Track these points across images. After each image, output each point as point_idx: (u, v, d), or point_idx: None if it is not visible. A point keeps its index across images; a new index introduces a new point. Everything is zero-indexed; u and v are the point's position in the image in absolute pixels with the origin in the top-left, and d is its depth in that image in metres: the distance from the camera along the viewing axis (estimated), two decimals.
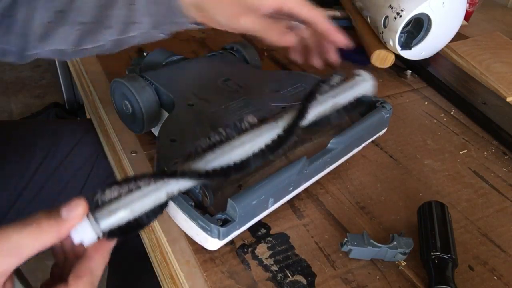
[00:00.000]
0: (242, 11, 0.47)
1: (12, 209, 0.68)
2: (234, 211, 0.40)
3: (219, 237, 0.40)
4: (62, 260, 0.38)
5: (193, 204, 0.41)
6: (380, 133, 0.56)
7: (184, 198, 0.41)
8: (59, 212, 0.32)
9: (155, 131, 0.58)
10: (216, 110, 0.53)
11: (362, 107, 0.54)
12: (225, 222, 0.40)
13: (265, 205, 0.43)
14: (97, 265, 0.34)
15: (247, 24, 0.47)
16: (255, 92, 0.57)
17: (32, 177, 0.70)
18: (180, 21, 0.51)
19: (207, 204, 0.43)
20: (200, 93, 0.56)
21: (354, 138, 0.51)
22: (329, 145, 0.49)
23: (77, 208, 0.32)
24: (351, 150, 0.53)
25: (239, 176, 0.47)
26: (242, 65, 0.64)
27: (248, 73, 0.62)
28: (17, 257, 0.29)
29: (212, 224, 0.40)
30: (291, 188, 0.46)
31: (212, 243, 0.41)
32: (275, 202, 0.45)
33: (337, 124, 0.55)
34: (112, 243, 0.36)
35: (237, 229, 0.42)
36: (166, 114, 0.56)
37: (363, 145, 0.55)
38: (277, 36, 0.48)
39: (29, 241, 0.30)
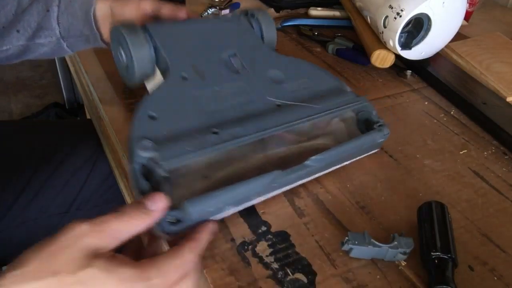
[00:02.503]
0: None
1: (12, 209, 0.68)
2: (188, 215, 0.39)
3: (167, 230, 0.39)
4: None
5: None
6: (370, 153, 0.55)
7: (142, 184, 0.40)
8: (145, 205, 0.37)
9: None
10: (207, 92, 0.50)
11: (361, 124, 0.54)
12: (176, 222, 0.39)
13: (223, 210, 0.43)
14: (203, 236, 0.40)
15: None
16: (256, 77, 0.54)
17: (32, 177, 0.70)
18: (89, 34, 0.55)
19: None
20: (199, 65, 0.52)
21: (336, 158, 0.49)
22: (307, 161, 0.46)
23: (161, 201, 0.38)
24: (333, 167, 0.52)
25: (206, 169, 0.46)
26: (255, 40, 0.59)
27: (259, 52, 0.57)
28: (116, 240, 0.35)
29: (163, 221, 0.39)
30: (255, 197, 0.45)
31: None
32: (234, 207, 0.44)
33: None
34: (214, 226, 0.42)
35: (187, 227, 0.41)
36: (160, 75, 0.53)
37: (347, 162, 0.53)
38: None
39: (124, 227, 0.35)
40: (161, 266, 0.35)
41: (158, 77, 0.53)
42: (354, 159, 0.53)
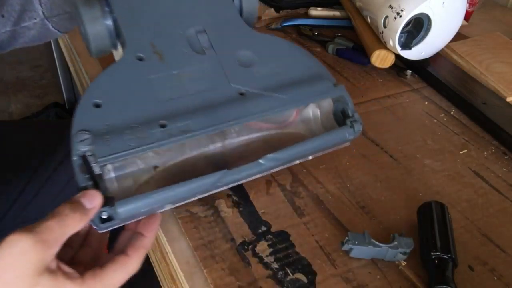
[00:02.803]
0: None
1: (12, 209, 0.68)
2: (118, 214, 0.38)
3: (98, 228, 0.38)
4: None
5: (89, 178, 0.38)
6: (341, 146, 0.51)
7: (79, 179, 0.38)
8: (82, 203, 0.36)
9: None
10: (164, 76, 0.45)
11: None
12: (108, 219, 0.38)
13: (161, 208, 0.41)
14: (149, 240, 0.39)
15: None
16: (224, 58, 0.48)
17: (32, 177, 0.70)
18: (71, 10, 0.54)
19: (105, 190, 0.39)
20: (160, 43, 0.47)
21: (295, 156, 0.47)
22: (260, 160, 0.44)
23: (96, 199, 0.37)
24: (293, 162, 0.48)
25: (155, 159, 0.44)
26: (231, 13, 0.52)
27: (232, 28, 0.51)
28: (58, 244, 0.34)
29: (95, 218, 0.37)
30: (199, 195, 0.43)
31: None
32: (173, 205, 0.42)
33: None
34: (159, 220, 0.41)
35: (120, 224, 0.40)
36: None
37: (311, 157, 0.50)
38: None
39: (65, 230, 0.34)
40: (107, 279, 0.36)
41: (121, 52, 0.49)
42: (321, 153, 0.50)
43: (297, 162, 0.49)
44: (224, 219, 0.48)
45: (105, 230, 0.39)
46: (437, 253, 0.42)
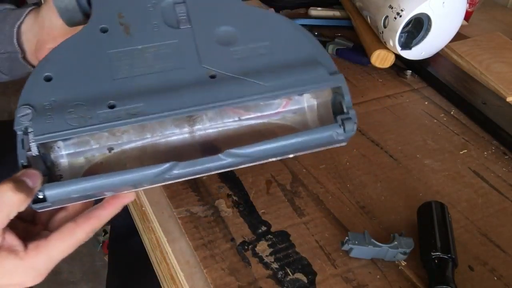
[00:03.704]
0: None
1: None
2: (48, 197, 0.35)
3: (31, 207, 0.36)
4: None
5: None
6: (332, 147, 0.42)
7: (20, 153, 0.37)
8: (24, 182, 0.34)
9: None
10: (127, 51, 0.41)
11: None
12: (40, 201, 0.35)
13: (99, 195, 0.38)
14: (106, 214, 0.38)
15: None
16: (200, 35, 0.42)
17: None
18: (11, 51, 0.53)
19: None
20: (129, 14, 0.42)
21: (265, 154, 0.40)
22: (221, 154, 0.39)
23: (37, 178, 0.35)
24: (265, 160, 0.41)
25: (110, 140, 0.41)
26: None
27: (219, 0, 0.45)
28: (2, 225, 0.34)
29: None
30: (145, 185, 0.39)
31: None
32: (116, 192, 0.39)
33: None
34: (127, 200, 0.39)
35: (55, 207, 0.37)
36: None
37: (291, 155, 0.42)
38: None
39: (9, 212, 0.34)
40: (50, 251, 0.35)
41: None
42: (301, 153, 0.42)
43: (274, 159, 0.42)
44: (224, 219, 0.48)
45: (40, 211, 0.36)
46: (437, 253, 0.42)
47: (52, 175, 0.38)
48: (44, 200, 0.35)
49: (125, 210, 0.58)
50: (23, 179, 0.34)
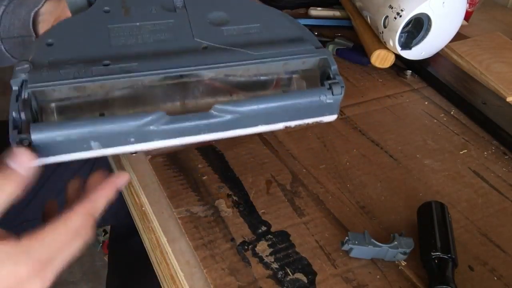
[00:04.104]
0: None
1: (12, 209, 0.68)
2: (35, 141, 0.36)
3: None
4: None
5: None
6: (323, 119, 0.44)
7: (12, 107, 0.37)
8: (10, 166, 0.33)
9: None
10: (124, 26, 0.44)
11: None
12: (24, 144, 0.35)
13: (85, 145, 0.38)
14: (100, 196, 0.36)
15: None
16: (195, 16, 0.46)
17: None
18: (26, 35, 0.54)
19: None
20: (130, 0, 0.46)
21: (256, 113, 0.41)
22: (211, 110, 0.39)
23: (27, 157, 0.34)
24: (254, 126, 0.42)
25: (101, 104, 0.42)
26: None
27: None
28: None
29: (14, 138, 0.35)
30: (133, 140, 0.39)
31: None
32: (103, 147, 0.38)
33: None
34: (120, 181, 0.38)
35: (43, 157, 0.37)
36: None
37: (281, 125, 0.43)
38: None
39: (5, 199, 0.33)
40: (45, 237, 0.33)
41: None
42: (293, 122, 0.43)
43: (266, 129, 0.43)
44: (224, 219, 0.48)
45: (25, 165, 0.35)
46: (437, 253, 0.42)
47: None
48: (30, 144, 0.35)
49: (125, 210, 0.58)
50: (7, 162, 0.33)
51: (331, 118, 0.44)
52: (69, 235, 0.34)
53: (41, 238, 0.33)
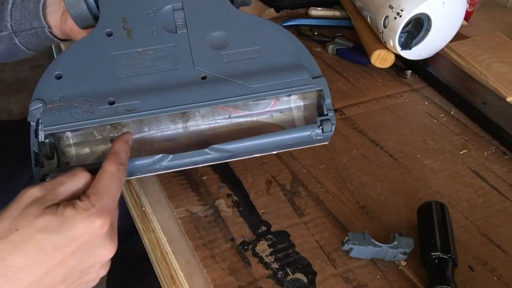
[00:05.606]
0: None
1: None
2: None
3: None
4: None
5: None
6: (314, 146, 0.48)
7: (32, 142, 0.42)
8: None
9: None
10: (128, 53, 0.46)
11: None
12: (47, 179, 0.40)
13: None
14: (119, 149, 0.40)
15: None
16: (195, 39, 0.47)
17: (31, 177, 0.70)
18: (38, 27, 0.54)
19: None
20: (132, 19, 0.47)
21: (247, 150, 0.45)
22: (207, 149, 0.44)
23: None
24: (247, 156, 0.46)
25: (112, 132, 0.47)
26: None
27: (214, 7, 0.48)
28: (63, 195, 0.36)
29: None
30: (139, 174, 0.44)
31: None
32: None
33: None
34: (127, 137, 0.43)
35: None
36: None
37: (274, 152, 0.47)
38: None
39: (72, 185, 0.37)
40: (98, 189, 0.36)
41: None
42: (286, 150, 0.47)
43: (258, 155, 0.46)
44: (224, 219, 0.48)
45: None
46: (437, 253, 0.42)
47: (60, 161, 0.44)
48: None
49: (125, 210, 0.58)
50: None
51: (323, 143, 0.48)
52: (114, 178, 0.38)
53: (95, 192, 0.36)
